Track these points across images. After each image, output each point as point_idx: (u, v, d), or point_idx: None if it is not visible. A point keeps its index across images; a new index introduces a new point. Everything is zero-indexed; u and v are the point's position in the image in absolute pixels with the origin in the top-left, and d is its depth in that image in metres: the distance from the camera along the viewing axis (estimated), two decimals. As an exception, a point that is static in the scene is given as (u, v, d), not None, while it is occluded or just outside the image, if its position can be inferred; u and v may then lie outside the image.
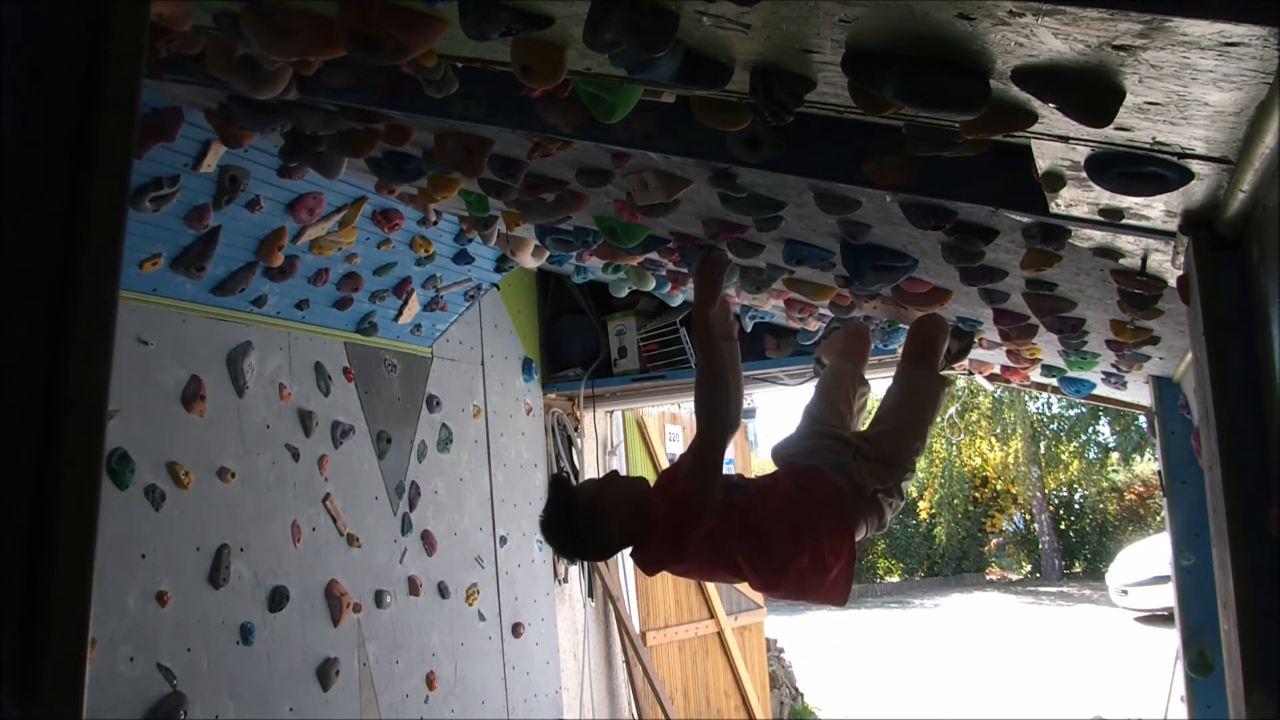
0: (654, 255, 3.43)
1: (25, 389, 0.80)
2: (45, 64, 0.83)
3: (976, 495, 19.71)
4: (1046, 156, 1.42)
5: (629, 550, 2.50)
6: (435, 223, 4.28)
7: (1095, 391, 4.28)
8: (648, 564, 2.48)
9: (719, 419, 2.40)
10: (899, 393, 2.83)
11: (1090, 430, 19.45)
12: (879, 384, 3.49)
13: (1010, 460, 19.26)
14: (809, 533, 2.48)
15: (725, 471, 2.51)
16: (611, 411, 6.81)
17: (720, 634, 7.28)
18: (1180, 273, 1.66)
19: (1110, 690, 9.06)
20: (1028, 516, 19.50)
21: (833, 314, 3.81)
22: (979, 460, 19.74)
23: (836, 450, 2.68)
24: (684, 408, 7.43)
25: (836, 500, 2.54)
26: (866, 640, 13.24)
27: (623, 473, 3.03)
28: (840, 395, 2.93)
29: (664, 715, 6.43)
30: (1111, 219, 1.61)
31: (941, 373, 3.35)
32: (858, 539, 2.59)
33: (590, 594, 6.45)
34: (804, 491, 2.54)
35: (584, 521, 2.37)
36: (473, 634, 5.20)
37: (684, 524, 2.39)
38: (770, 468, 2.88)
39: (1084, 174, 1.41)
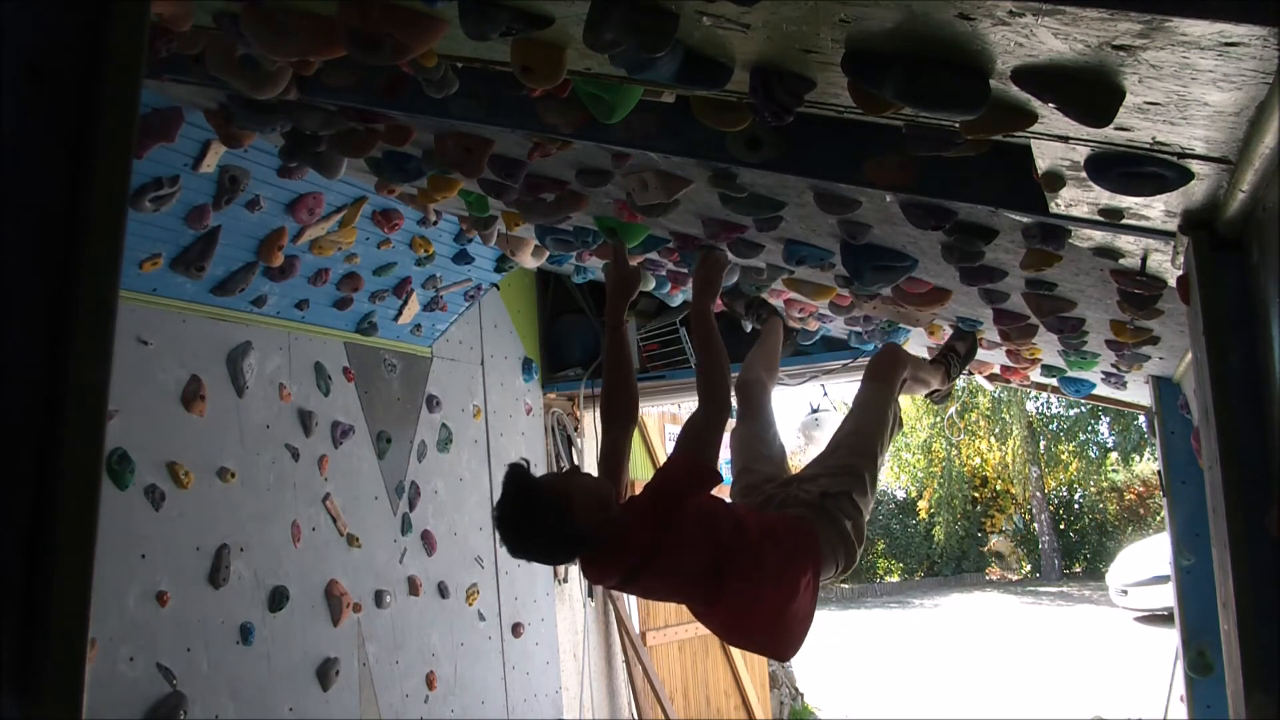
0: (654, 255, 3.43)
1: (25, 389, 0.80)
2: (45, 64, 0.83)
3: (976, 495, 19.71)
4: (1046, 156, 1.42)
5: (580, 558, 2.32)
6: (435, 223, 4.27)
7: (1095, 391, 4.28)
8: (601, 571, 2.33)
9: (720, 402, 2.38)
10: (857, 405, 2.88)
11: (1090, 430, 19.45)
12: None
13: (1009, 460, 19.25)
14: (792, 563, 2.41)
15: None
16: (611, 411, 6.80)
17: (720, 634, 7.28)
18: (1180, 273, 1.66)
19: (1110, 690, 9.06)
20: (1027, 516, 19.49)
21: (831, 313, 3.81)
22: (978, 460, 19.73)
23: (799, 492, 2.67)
24: (684, 408, 7.42)
25: (812, 542, 2.48)
26: (866, 640, 13.24)
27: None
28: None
29: (664, 715, 6.43)
30: (1111, 219, 1.61)
31: (946, 384, 3.35)
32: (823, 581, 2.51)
33: (590, 594, 6.44)
34: (785, 529, 2.50)
35: (549, 516, 2.16)
36: (473, 634, 5.20)
37: (677, 497, 2.25)
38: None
39: (1084, 174, 1.41)
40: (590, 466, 6.46)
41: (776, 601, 2.40)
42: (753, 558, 2.35)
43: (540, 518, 2.16)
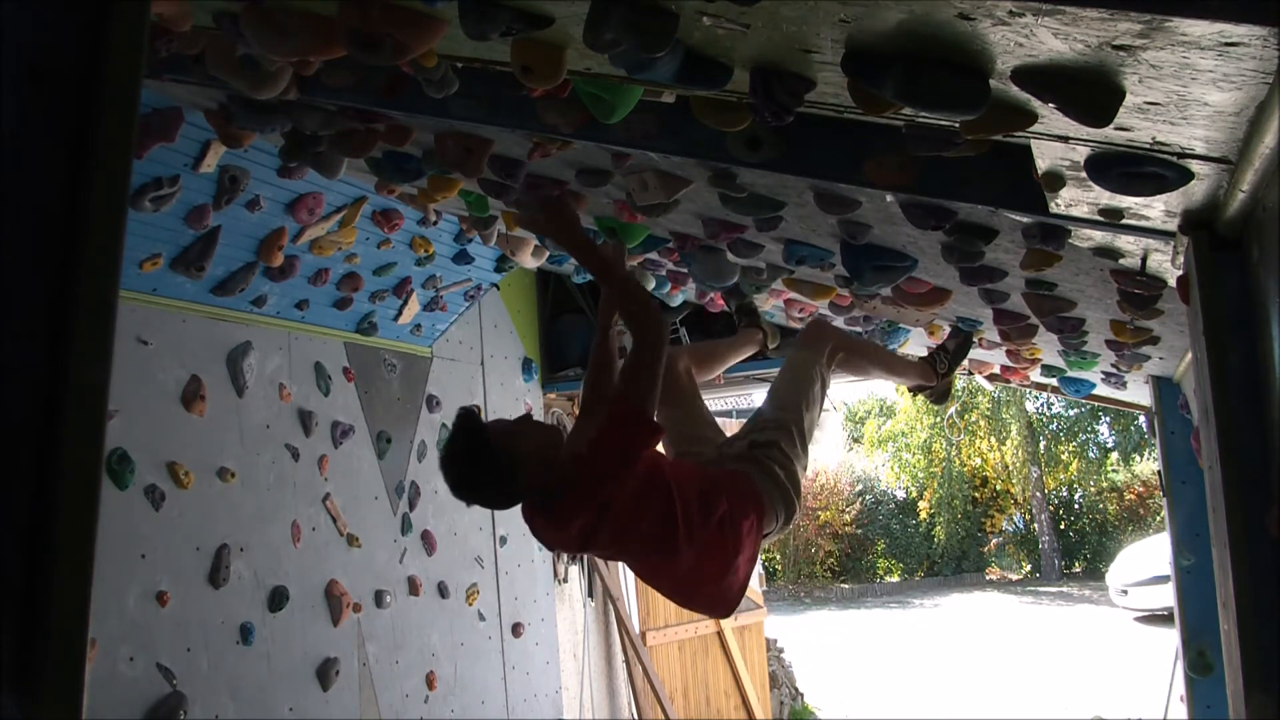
0: (654, 255, 3.43)
1: (25, 389, 0.80)
2: (45, 64, 0.83)
3: (976, 495, 19.70)
4: (1046, 156, 1.42)
5: (524, 508, 2.32)
6: (435, 223, 4.28)
7: (1095, 391, 4.28)
8: (559, 529, 2.31)
9: (653, 333, 2.28)
10: (784, 367, 2.85)
11: (1090, 430, 19.43)
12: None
13: (1009, 460, 19.24)
14: (736, 513, 2.39)
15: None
16: (611, 411, 6.80)
17: (720, 634, 7.28)
18: (1180, 273, 1.66)
19: (1110, 690, 9.06)
20: (1027, 516, 19.48)
21: (831, 312, 3.81)
22: (978, 460, 19.72)
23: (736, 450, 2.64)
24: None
25: (752, 490, 2.47)
26: (866, 640, 13.24)
27: None
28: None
29: (664, 715, 6.43)
30: (1111, 219, 1.61)
31: (941, 382, 3.33)
32: (765, 533, 2.51)
33: (590, 594, 6.45)
34: (725, 479, 2.48)
35: (492, 469, 2.18)
36: (473, 634, 5.20)
37: (620, 452, 2.21)
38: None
39: (1084, 174, 1.41)
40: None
41: (724, 557, 2.39)
42: (702, 513, 2.33)
43: (483, 469, 2.20)
